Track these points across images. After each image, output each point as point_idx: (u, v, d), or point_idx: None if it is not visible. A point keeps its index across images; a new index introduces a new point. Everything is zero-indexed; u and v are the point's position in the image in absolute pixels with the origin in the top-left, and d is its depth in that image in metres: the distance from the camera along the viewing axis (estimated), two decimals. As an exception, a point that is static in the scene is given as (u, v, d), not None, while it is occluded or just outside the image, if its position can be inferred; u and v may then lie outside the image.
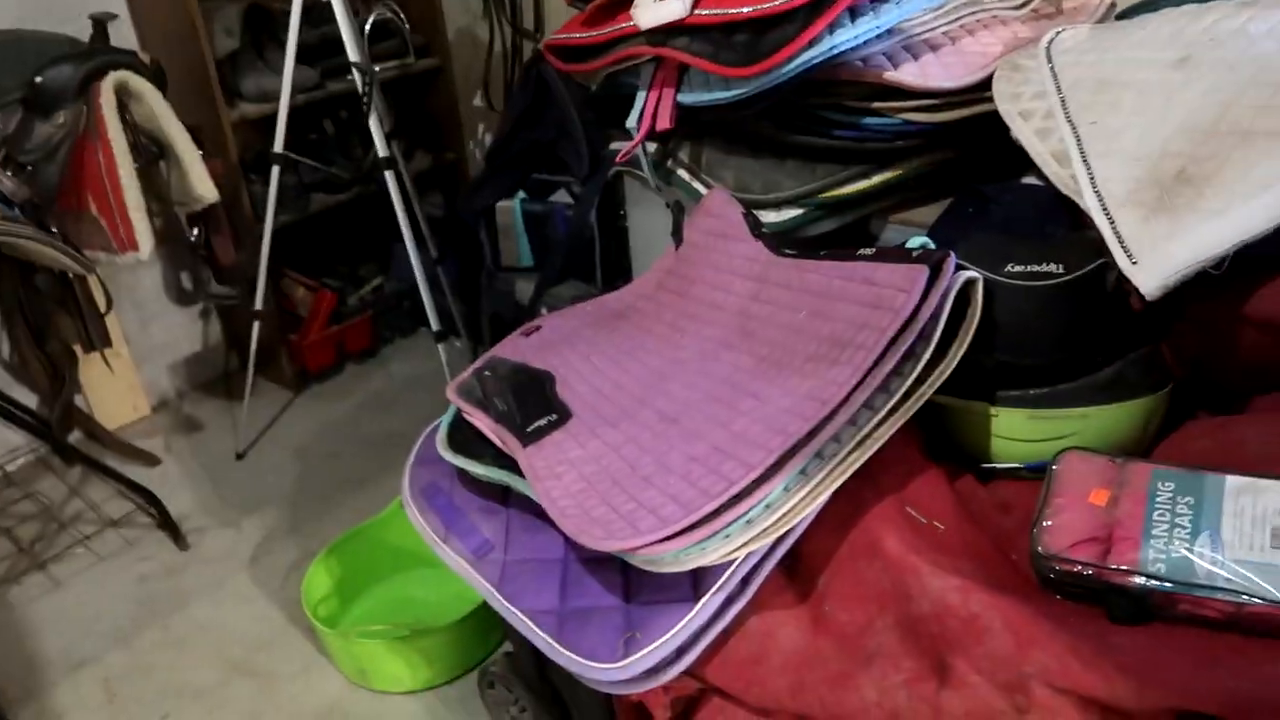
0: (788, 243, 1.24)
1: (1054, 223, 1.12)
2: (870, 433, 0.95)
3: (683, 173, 1.48)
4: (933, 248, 1.03)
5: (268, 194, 2.37)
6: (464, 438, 1.25)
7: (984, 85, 1.26)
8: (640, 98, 1.42)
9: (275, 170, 2.35)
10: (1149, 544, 0.85)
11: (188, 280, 2.88)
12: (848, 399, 0.94)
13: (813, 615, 0.99)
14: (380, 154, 2.31)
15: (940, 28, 1.34)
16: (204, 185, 2.11)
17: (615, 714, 1.24)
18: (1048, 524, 0.91)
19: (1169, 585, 0.82)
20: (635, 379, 1.18)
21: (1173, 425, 1.07)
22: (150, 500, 2.29)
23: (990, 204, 1.23)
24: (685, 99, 1.35)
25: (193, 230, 2.28)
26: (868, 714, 0.92)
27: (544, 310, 2.30)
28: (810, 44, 1.18)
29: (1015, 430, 1.06)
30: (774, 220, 1.34)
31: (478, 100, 3.05)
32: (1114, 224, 0.97)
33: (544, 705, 1.46)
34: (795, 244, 1.23)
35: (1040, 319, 1.04)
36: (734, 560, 0.94)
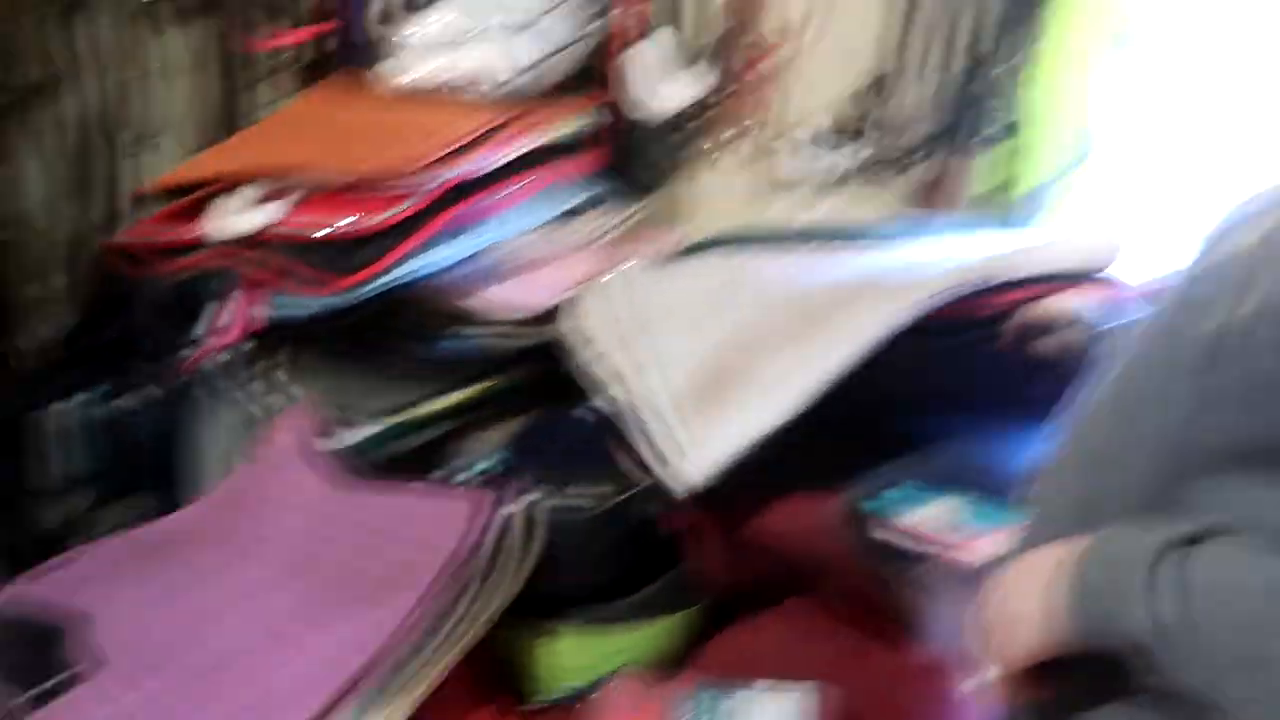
0: (360, 464, 1.20)
1: (612, 447, 1.18)
2: (422, 669, 0.91)
3: (259, 385, 1.39)
4: (498, 472, 1.05)
5: None
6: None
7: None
8: (216, 304, 1.34)
9: None
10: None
11: None
12: (397, 637, 0.90)
13: None
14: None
15: (528, 254, 1.41)
16: None
17: None
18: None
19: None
20: (185, 617, 1.05)
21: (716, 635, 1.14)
22: None
23: (559, 427, 1.28)
24: (266, 310, 1.29)
25: None
26: None
27: (97, 535, 2.01)
28: (399, 262, 1.19)
29: (568, 656, 1.08)
30: (353, 438, 1.29)
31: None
32: (665, 429, 1.04)
33: None
34: (367, 466, 1.20)
35: (588, 545, 1.08)
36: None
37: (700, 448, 1.01)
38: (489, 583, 0.98)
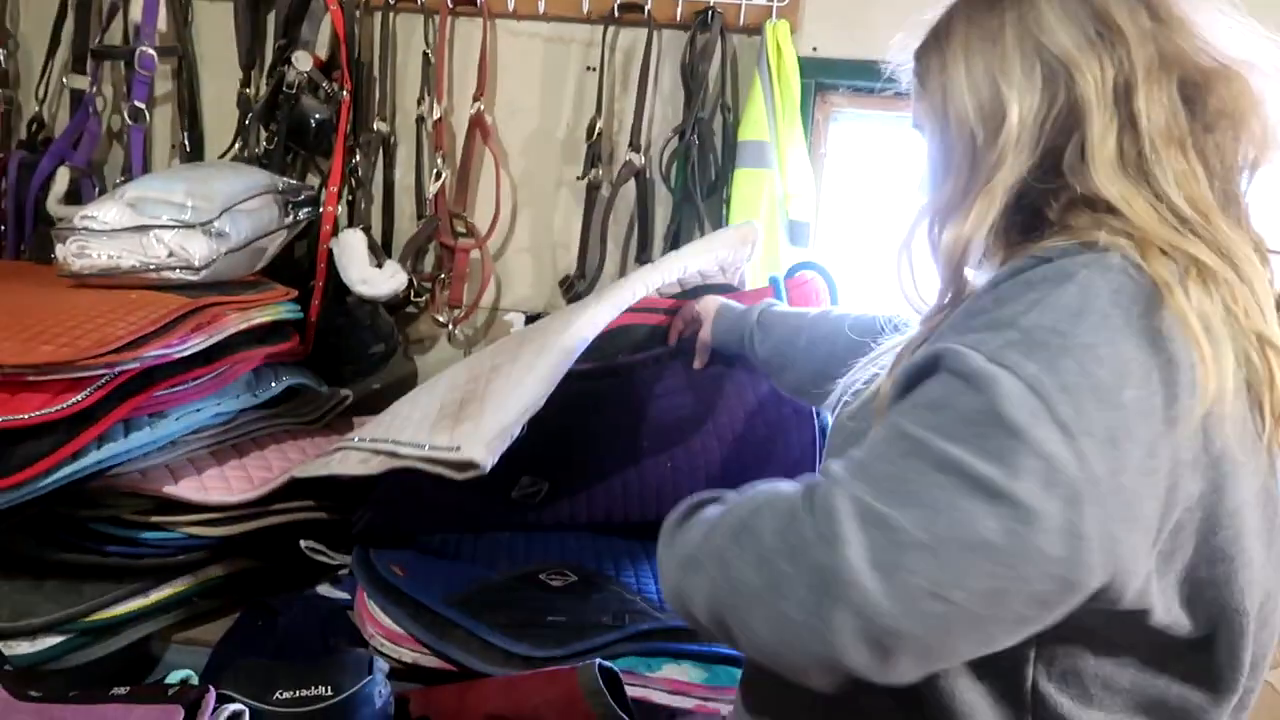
0: (38, 679, 1.07)
1: (336, 634, 1.14)
2: None
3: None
4: (194, 682, 0.98)
5: None
6: None
7: (269, 499, 1.29)
8: None
9: None
10: None
11: None
12: None
13: None
14: None
15: (228, 441, 1.35)
16: None
17: None
18: None
19: None
20: None
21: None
22: None
23: (278, 617, 1.21)
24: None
25: None
26: None
27: None
28: (74, 457, 1.10)
29: None
30: (27, 652, 1.15)
31: None
32: (430, 448, 1.08)
33: None
34: (48, 680, 1.08)
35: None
36: None
37: (472, 438, 1.05)
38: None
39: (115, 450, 1.15)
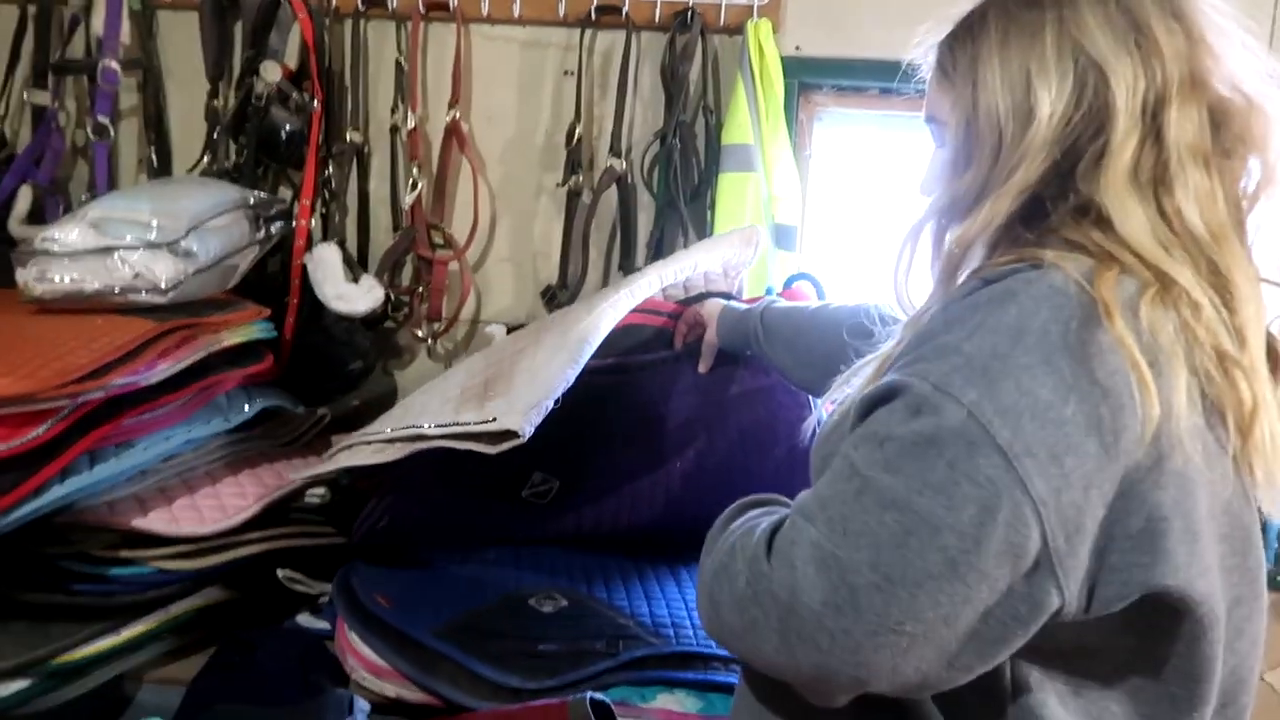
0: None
1: (316, 668, 1.09)
2: None
3: None
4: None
5: None
6: None
7: (245, 527, 1.24)
8: None
9: None
10: None
11: None
12: None
13: None
14: None
15: (200, 468, 1.31)
16: None
17: None
18: None
19: None
20: None
21: None
22: None
23: (255, 652, 1.17)
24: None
25: None
26: None
27: None
28: (36, 493, 1.05)
29: None
30: (-5, 697, 1.10)
31: None
32: (459, 424, 1.09)
33: None
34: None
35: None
36: None
37: (508, 411, 1.05)
38: None
39: (80, 484, 1.10)
